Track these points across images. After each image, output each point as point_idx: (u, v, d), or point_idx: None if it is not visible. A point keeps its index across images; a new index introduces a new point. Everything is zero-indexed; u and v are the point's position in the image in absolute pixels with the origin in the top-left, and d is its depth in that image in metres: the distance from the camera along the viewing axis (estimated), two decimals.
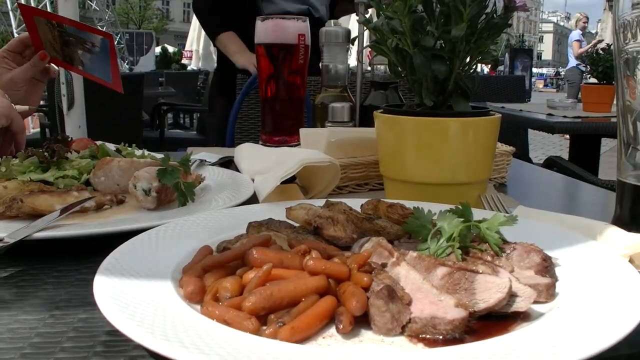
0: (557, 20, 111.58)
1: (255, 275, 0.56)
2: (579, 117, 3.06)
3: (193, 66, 12.16)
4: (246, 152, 1.27)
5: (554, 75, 44.52)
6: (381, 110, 1.03)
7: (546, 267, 0.62)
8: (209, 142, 2.96)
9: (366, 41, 1.49)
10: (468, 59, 0.96)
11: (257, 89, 1.70)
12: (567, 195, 1.40)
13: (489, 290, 0.55)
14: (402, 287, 0.55)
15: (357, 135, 1.22)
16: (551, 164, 2.30)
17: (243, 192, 1.01)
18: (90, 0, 22.78)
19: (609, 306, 0.53)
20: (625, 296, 0.54)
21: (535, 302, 0.56)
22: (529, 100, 6.35)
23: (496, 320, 0.53)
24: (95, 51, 1.44)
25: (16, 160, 1.08)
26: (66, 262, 0.74)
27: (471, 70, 0.98)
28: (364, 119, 1.42)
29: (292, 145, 1.40)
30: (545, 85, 38.26)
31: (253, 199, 0.97)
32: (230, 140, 2.41)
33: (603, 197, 1.24)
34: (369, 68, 1.49)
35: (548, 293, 0.58)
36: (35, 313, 0.60)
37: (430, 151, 0.94)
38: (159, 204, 0.95)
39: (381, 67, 1.41)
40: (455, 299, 0.53)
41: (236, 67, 2.65)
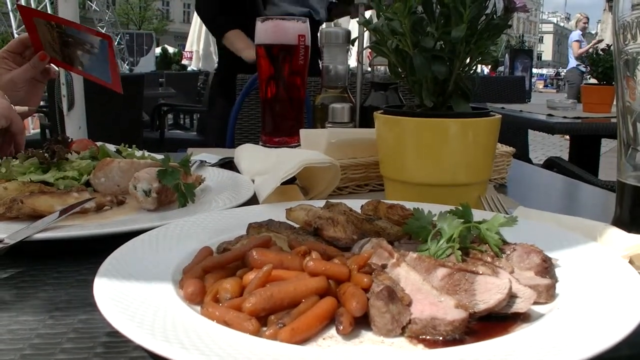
0: (557, 20, 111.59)
1: (256, 276, 0.56)
2: (579, 118, 3.06)
3: (193, 67, 12.17)
4: (246, 153, 1.27)
5: (554, 76, 44.51)
6: (381, 111, 1.03)
7: (546, 268, 0.62)
8: (208, 143, 2.96)
9: (366, 42, 1.49)
10: (468, 59, 0.96)
11: (257, 89, 1.70)
12: (567, 196, 1.40)
13: (489, 291, 0.55)
14: (402, 288, 0.55)
15: (357, 136, 1.22)
16: (551, 164, 2.30)
17: (243, 193, 1.01)
18: (90, 1, 22.78)
19: (609, 307, 0.53)
20: (625, 297, 0.54)
21: (535, 303, 0.56)
22: (529, 101, 6.34)
23: (496, 321, 0.53)
24: (95, 52, 1.44)
25: (16, 161, 1.08)
26: (66, 263, 0.74)
27: (471, 71, 0.98)
28: (364, 119, 1.42)
29: (292, 146, 1.40)
30: (545, 85, 38.25)
31: (253, 200, 0.97)
32: (231, 141, 2.41)
33: (603, 198, 1.24)
34: (369, 69, 1.49)
35: (548, 294, 0.58)
36: (35, 314, 0.60)
37: (430, 152, 0.95)
38: (159, 205, 0.95)
39: (381, 68, 1.41)
40: (456, 300, 0.53)
41: (237, 68, 2.65)
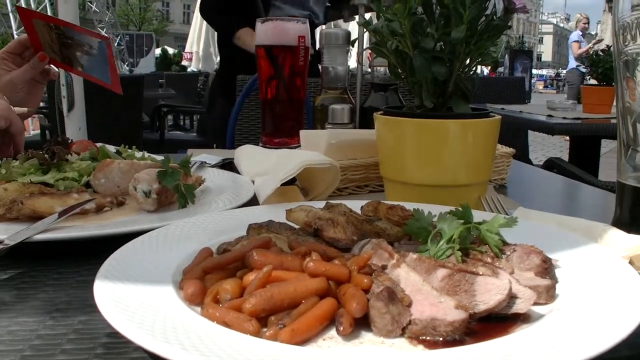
0: (557, 21, 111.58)
1: (256, 277, 0.56)
2: (578, 119, 3.06)
3: (193, 68, 12.16)
4: (246, 154, 1.27)
5: (553, 77, 44.54)
6: (381, 112, 1.03)
7: (546, 269, 0.62)
8: (208, 144, 2.95)
9: (366, 43, 1.49)
10: (468, 60, 0.96)
11: (257, 90, 1.70)
12: (567, 196, 1.40)
13: (489, 292, 0.55)
14: (402, 289, 0.55)
15: (357, 137, 1.22)
16: (551, 165, 2.30)
17: (243, 194, 1.01)
18: (90, 2, 22.80)
19: (609, 308, 0.53)
20: (625, 298, 0.54)
21: (535, 304, 0.56)
22: (529, 102, 6.34)
23: (496, 321, 0.53)
24: (93, 53, 1.44)
25: (16, 162, 1.08)
26: (66, 264, 0.74)
27: (471, 72, 0.98)
28: (364, 120, 1.42)
29: (292, 147, 1.40)
30: (545, 86, 38.26)
31: (253, 201, 0.97)
32: (231, 142, 2.41)
33: (603, 199, 1.24)
34: (369, 70, 1.49)
35: (548, 295, 0.58)
36: (35, 315, 0.60)
37: (430, 153, 0.95)
38: (159, 206, 0.95)
39: (381, 69, 1.41)
40: (456, 300, 0.53)
41: (239, 69, 2.65)
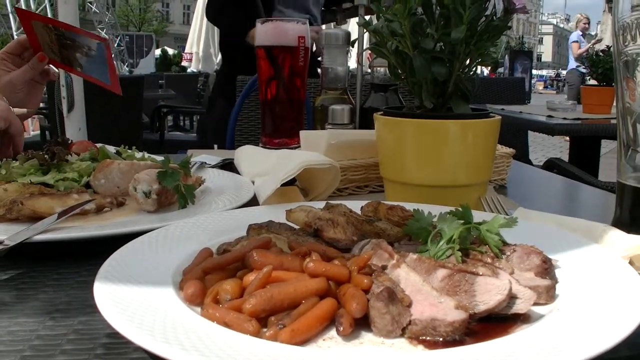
0: (557, 22, 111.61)
1: (256, 278, 0.56)
2: (578, 119, 3.06)
3: (193, 68, 12.17)
4: (246, 155, 1.27)
5: (553, 77, 44.55)
6: (381, 112, 1.03)
7: (546, 269, 0.62)
8: (207, 143, 2.95)
9: (366, 43, 1.49)
10: (468, 61, 0.96)
11: (257, 91, 1.70)
12: (567, 197, 1.40)
13: (489, 292, 0.55)
14: (402, 289, 0.55)
15: (357, 137, 1.22)
16: (551, 165, 2.30)
17: (243, 195, 1.01)
18: (90, 3, 22.81)
19: (608, 308, 0.53)
20: (625, 298, 0.54)
21: (535, 304, 0.56)
22: (529, 102, 6.34)
23: (496, 322, 0.53)
24: (93, 55, 1.44)
25: (16, 163, 1.08)
26: (66, 265, 0.74)
27: (471, 73, 0.98)
28: (364, 121, 1.42)
29: (292, 148, 1.40)
30: (545, 87, 38.27)
31: (253, 201, 0.97)
32: (231, 143, 2.41)
33: (603, 199, 1.24)
34: (369, 70, 1.49)
35: (548, 295, 0.58)
36: (35, 315, 0.60)
37: (430, 153, 0.95)
38: (159, 207, 0.95)
39: (381, 70, 1.41)
40: (456, 300, 0.53)
41: (241, 69, 2.64)
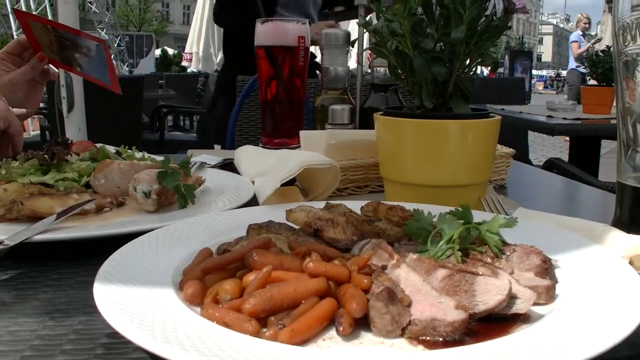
0: (557, 22, 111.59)
1: (255, 278, 0.56)
2: (578, 119, 3.06)
3: (193, 68, 12.19)
4: (246, 155, 1.27)
5: (554, 77, 44.54)
6: (381, 112, 1.03)
7: (546, 269, 0.62)
8: (208, 143, 2.95)
9: (366, 43, 1.49)
10: (468, 61, 0.96)
11: (257, 91, 1.70)
12: (567, 197, 1.40)
13: (488, 292, 0.55)
14: (402, 289, 0.55)
15: (357, 137, 1.22)
16: (551, 165, 2.30)
17: (243, 195, 1.01)
18: (90, 3, 22.80)
19: (608, 308, 0.53)
20: (625, 298, 0.54)
21: (535, 304, 0.56)
22: (529, 102, 6.34)
23: (496, 322, 0.53)
24: (92, 55, 1.44)
25: (16, 163, 1.08)
26: (66, 265, 0.74)
27: (471, 73, 0.98)
28: (364, 121, 1.42)
29: (292, 148, 1.40)
30: (545, 87, 38.26)
31: (253, 201, 0.97)
32: (231, 143, 2.41)
33: (603, 199, 1.24)
34: (369, 70, 1.49)
35: (548, 295, 0.58)
36: (35, 315, 0.60)
37: (430, 153, 0.95)
38: (159, 207, 0.95)
39: (381, 70, 1.41)
40: (455, 300, 0.53)
41: (243, 69, 2.64)
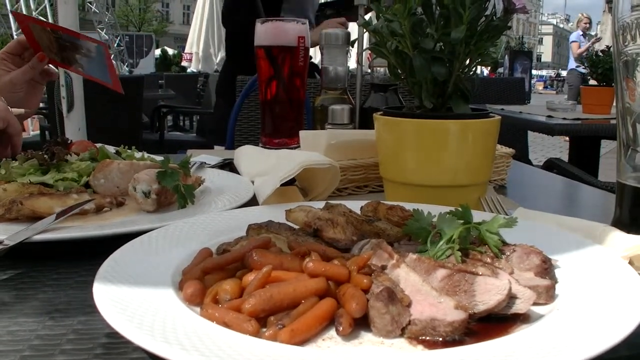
0: (557, 22, 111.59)
1: (255, 278, 0.56)
2: (578, 119, 3.06)
3: (193, 68, 12.19)
4: (246, 155, 1.27)
5: (554, 77, 44.55)
6: (381, 112, 1.03)
7: (546, 269, 0.62)
8: (209, 143, 2.96)
9: (366, 43, 1.49)
10: (468, 61, 0.96)
11: (257, 91, 1.70)
12: (567, 197, 1.40)
13: (488, 292, 0.55)
14: (402, 289, 0.55)
15: (357, 137, 1.22)
16: (551, 165, 2.30)
17: (243, 195, 1.01)
18: (90, 3, 22.79)
19: (608, 308, 0.53)
20: (624, 298, 0.54)
21: (535, 304, 0.56)
22: (529, 102, 6.34)
23: (496, 322, 0.53)
24: (92, 57, 1.45)
25: (16, 163, 1.08)
26: (66, 265, 0.74)
27: (471, 73, 0.98)
28: (364, 121, 1.42)
29: (292, 148, 1.40)
30: (545, 87, 38.26)
31: (253, 201, 0.97)
32: (230, 143, 2.41)
33: (603, 199, 1.24)
34: (369, 70, 1.49)
35: (548, 295, 0.58)
36: (34, 315, 0.60)
37: (430, 153, 0.95)
38: (159, 206, 0.95)
39: (381, 70, 1.41)
40: (455, 300, 0.52)
41: (244, 70, 2.64)
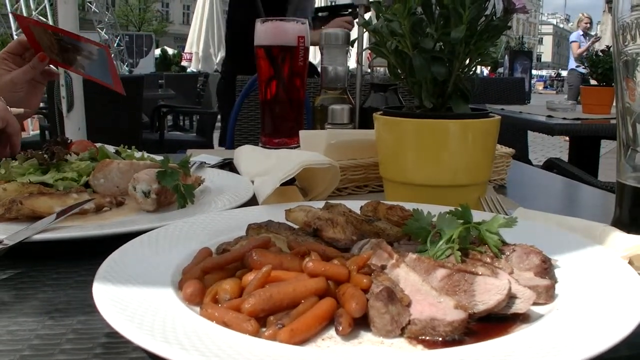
0: (557, 22, 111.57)
1: (255, 277, 0.56)
2: (578, 119, 3.05)
3: (193, 68, 12.18)
4: (246, 154, 1.27)
5: (554, 77, 44.54)
6: (381, 112, 1.03)
7: (545, 269, 0.62)
8: (208, 144, 2.96)
9: (366, 43, 1.49)
10: (467, 61, 0.96)
11: (257, 91, 1.70)
12: (567, 197, 1.40)
13: (488, 292, 0.55)
14: (402, 289, 0.55)
15: (357, 137, 1.22)
16: (551, 165, 2.30)
17: (243, 194, 1.01)
18: (90, 3, 22.77)
19: (608, 307, 0.53)
20: (624, 298, 0.54)
21: (534, 304, 0.56)
22: (529, 102, 6.34)
23: (496, 321, 0.53)
24: (94, 59, 1.45)
25: (16, 163, 1.08)
26: (65, 264, 0.74)
27: (471, 72, 0.98)
28: (364, 121, 1.42)
29: (292, 147, 1.40)
30: (545, 87, 38.26)
31: (253, 201, 0.97)
32: (230, 142, 2.41)
33: (602, 199, 1.24)
34: (369, 70, 1.49)
35: (547, 295, 0.58)
36: (34, 315, 0.60)
37: (430, 153, 0.95)
38: (159, 206, 0.95)
39: (381, 69, 1.41)
40: (455, 300, 0.52)
41: (245, 70, 2.64)
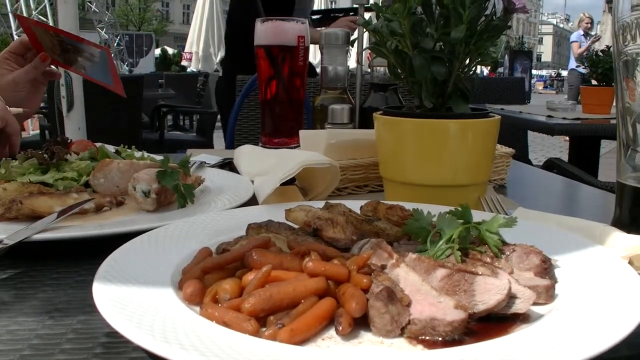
0: (557, 22, 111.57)
1: (255, 277, 0.56)
2: (578, 119, 3.05)
3: (193, 68, 12.16)
4: (246, 154, 1.27)
5: (554, 77, 44.54)
6: (381, 112, 1.03)
7: (545, 269, 0.62)
8: (208, 143, 2.96)
9: (366, 43, 1.49)
10: (467, 60, 0.96)
11: (257, 90, 1.70)
12: (567, 197, 1.40)
13: (488, 291, 0.55)
14: (402, 289, 0.55)
15: (357, 137, 1.22)
16: (551, 165, 2.30)
17: (242, 194, 1.01)
18: (90, 2, 22.76)
19: (608, 307, 0.53)
20: (624, 298, 0.54)
21: (534, 304, 0.56)
22: (529, 102, 6.34)
23: (496, 321, 0.53)
24: (95, 60, 1.45)
25: (16, 162, 1.08)
26: (65, 264, 0.74)
27: (470, 72, 0.98)
28: (364, 120, 1.42)
29: (292, 147, 1.40)
30: (545, 87, 38.25)
31: (252, 201, 0.97)
32: (230, 142, 2.41)
33: (603, 199, 1.24)
34: (369, 70, 1.49)
35: (547, 295, 0.58)
36: (34, 315, 0.60)
37: (430, 153, 0.95)
38: (159, 206, 0.95)
39: (381, 69, 1.41)
40: (455, 300, 0.52)
41: (244, 70, 2.65)
